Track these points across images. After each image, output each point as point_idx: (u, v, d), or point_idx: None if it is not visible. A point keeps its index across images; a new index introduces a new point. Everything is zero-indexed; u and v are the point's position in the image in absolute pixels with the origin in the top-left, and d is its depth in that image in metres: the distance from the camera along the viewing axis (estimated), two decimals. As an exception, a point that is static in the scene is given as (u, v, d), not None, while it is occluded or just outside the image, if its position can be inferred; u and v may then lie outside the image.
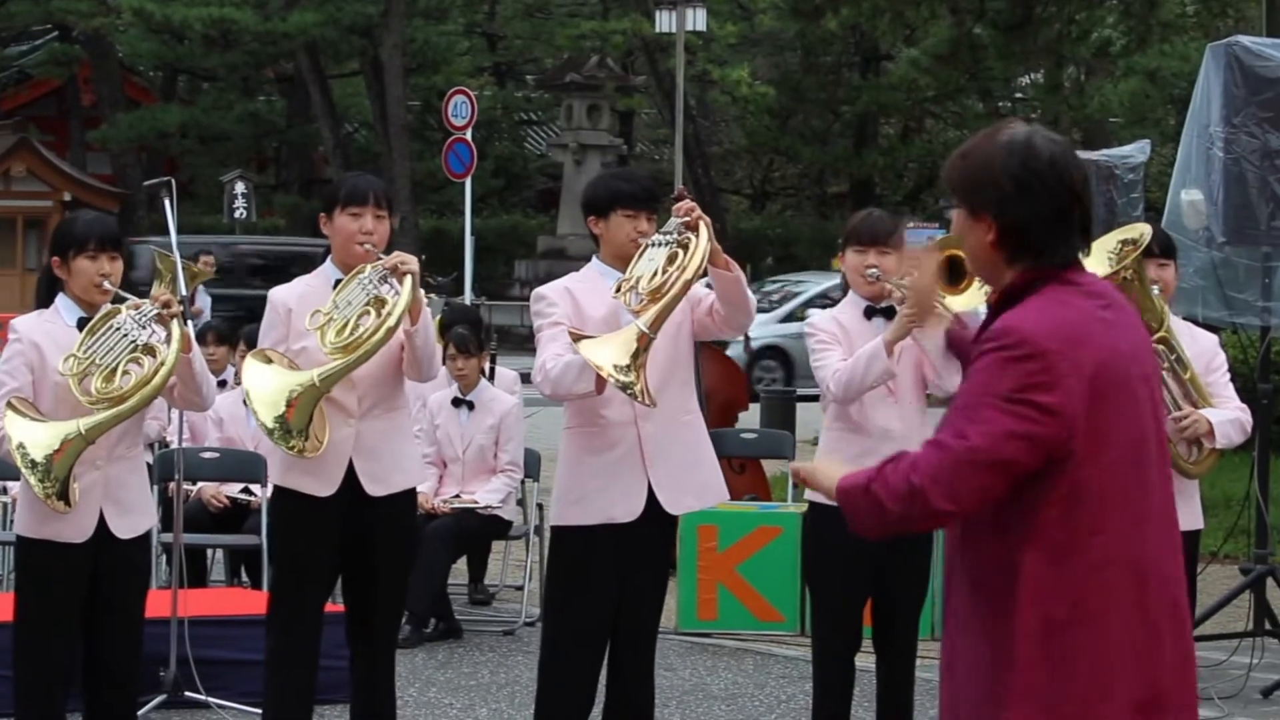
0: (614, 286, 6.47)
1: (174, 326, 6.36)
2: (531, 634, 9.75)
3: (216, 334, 11.34)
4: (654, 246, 6.46)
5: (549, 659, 6.66)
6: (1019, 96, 42.35)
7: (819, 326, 6.89)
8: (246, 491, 10.26)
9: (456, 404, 10.38)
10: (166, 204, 7.52)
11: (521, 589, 10.57)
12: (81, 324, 6.40)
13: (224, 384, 10.71)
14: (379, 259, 6.66)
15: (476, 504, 10.18)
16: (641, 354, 6.27)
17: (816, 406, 7.37)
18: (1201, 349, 7.66)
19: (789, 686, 9.00)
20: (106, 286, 6.43)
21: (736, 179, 50.90)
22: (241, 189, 34.36)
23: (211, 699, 8.17)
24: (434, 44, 41.54)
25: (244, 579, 10.82)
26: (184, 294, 6.81)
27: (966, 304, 6.79)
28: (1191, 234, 9.44)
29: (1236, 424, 7.51)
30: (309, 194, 41.14)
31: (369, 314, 6.59)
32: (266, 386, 6.63)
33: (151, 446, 9.78)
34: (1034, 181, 3.92)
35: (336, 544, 6.78)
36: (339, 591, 7.08)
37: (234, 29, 38.65)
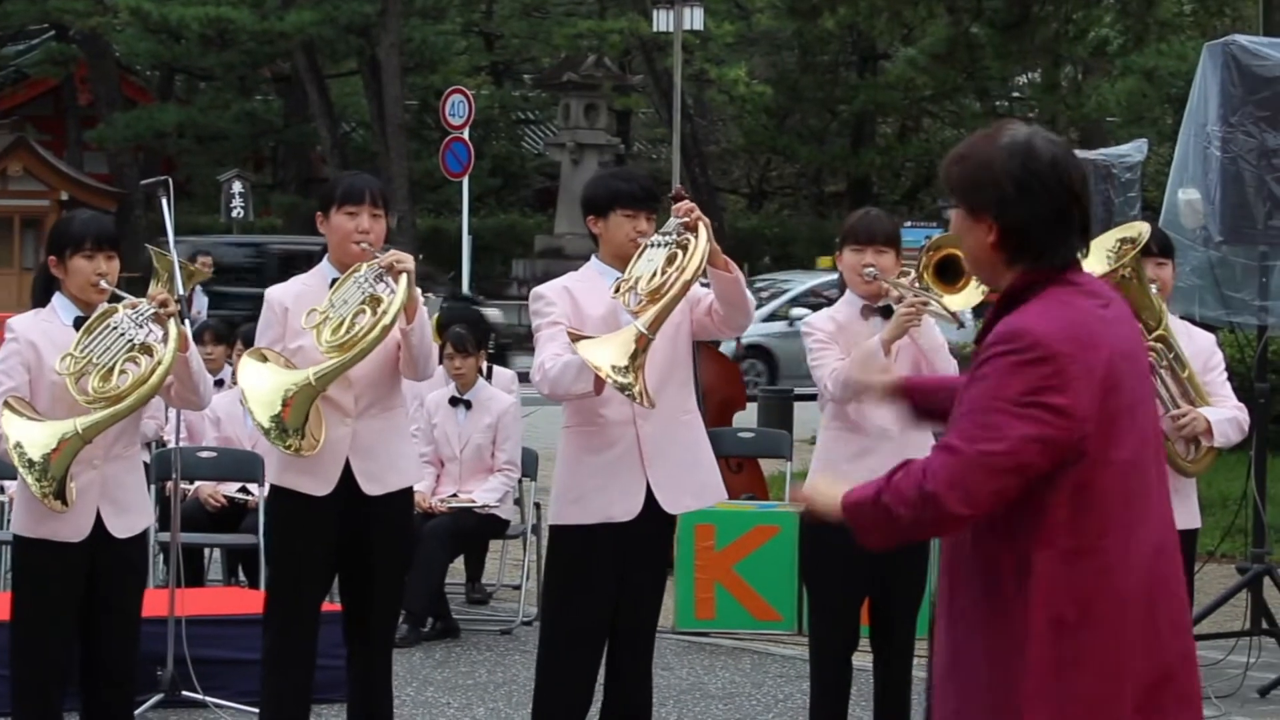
0: (612, 286, 6.46)
1: (171, 325, 6.36)
2: (529, 633, 9.74)
3: (214, 333, 11.35)
4: (653, 247, 6.45)
5: (547, 658, 6.66)
6: (1016, 96, 42.38)
7: (816, 326, 6.88)
8: (244, 491, 10.25)
9: (454, 403, 10.37)
10: (164, 203, 7.52)
11: (519, 588, 10.56)
12: (78, 323, 6.40)
13: (221, 383, 10.70)
14: (375, 258, 6.66)
15: (474, 503, 10.17)
16: (640, 355, 6.26)
17: (814, 406, 7.36)
18: (1199, 348, 7.65)
19: (786, 686, 9.00)
20: (103, 286, 6.43)
21: (734, 178, 50.86)
22: (239, 188, 34.30)
23: (209, 698, 8.16)
24: (431, 43, 41.50)
25: (241, 578, 10.83)
26: (181, 293, 6.81)
27: (963, 303, 6.79)
28: (1189, 233, 9.43)
29: (1234, 423, 7.50)
30: (306, 193, 41.07)
31: (364, 312, 6.58)
32: (262, 385, 6.62)
33: (149, 445, 9.78)
34: (1034, 183, 3.92)
35: (333, 543, 6.77)
36: (336, 590, 7.07)
37: (231, 28, 38.58)
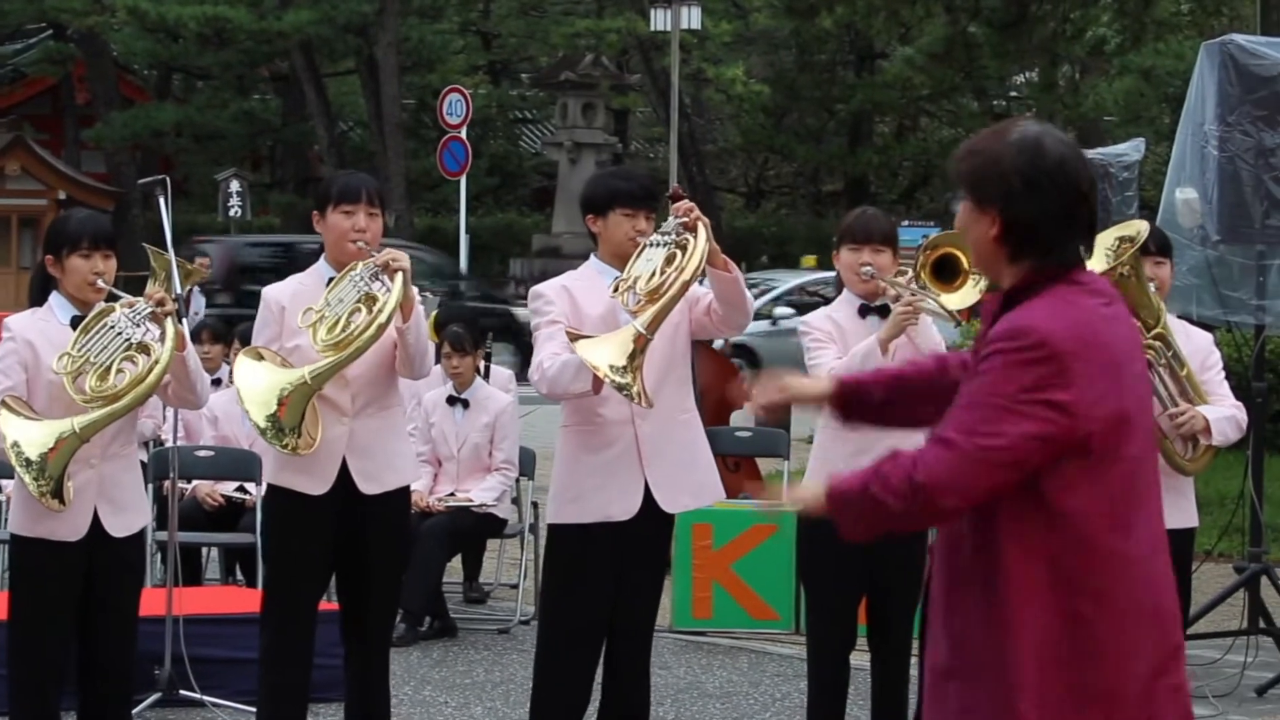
0: (611, 286, 6.46)
1: (168, 324, 6.36)
2: (526, 632, 9.74)
3: (211, 332, 11.35)
4: (652, 246, 6.45)
5: (544, 657, 6.66)
6: (1014, 95, 42.39)
7: (813, 325, 6.89)
8: (241, 490, 10.25)
9: (451, 402, 10.36)
10: (161, 202, 7.51)
11: (516, 587, 10.55)
12: (75, 322, 6.40)
13: (218, 382, 10.70)
14: (371, 256, 6.66)
15: (471, 502, 10.17)
16: (638, 355, 6.26)
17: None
18: (1196, 347, 7.66)
19: (784, 685, 8.99)
20: (100, 285, 6.43)
21: (731, 177, 50.85)
22: (236, 187, 34.27)
23: (206, 697, 8.16)
24: (429, 42, 41.50)
25: (239, 577, 10.82)
26: (178, 292, 6.81)
27: (961, 302, 6.80)
28: (1186, 232, 9.43)
29: (1232, 421, 7.51)
30: (304, 192, 41.06)
31: (360, 311, 6.58)
32: (257, 385, 6.62)
33: (146, 444, 9.78)
34: (1042, 180, 3.94)
35: (330, 542, 6.77)
36: (333, 590, 7.07)
37: (229, 27, 38.57)
